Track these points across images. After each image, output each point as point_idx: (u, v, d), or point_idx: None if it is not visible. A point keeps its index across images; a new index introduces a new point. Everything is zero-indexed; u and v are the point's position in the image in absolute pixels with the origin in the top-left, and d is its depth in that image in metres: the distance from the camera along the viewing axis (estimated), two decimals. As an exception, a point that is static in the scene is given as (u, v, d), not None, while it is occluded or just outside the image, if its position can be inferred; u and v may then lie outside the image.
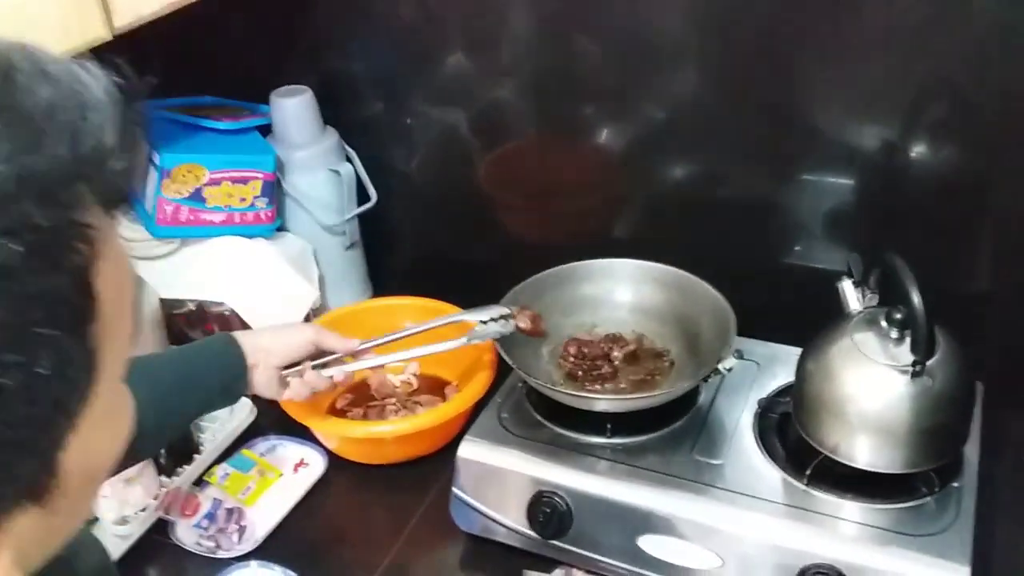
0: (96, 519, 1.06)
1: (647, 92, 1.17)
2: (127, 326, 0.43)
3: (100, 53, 0.92)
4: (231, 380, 0.96)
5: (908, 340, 0.87)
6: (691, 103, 1.16)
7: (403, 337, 1.08)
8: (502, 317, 1.06)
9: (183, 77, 1.38)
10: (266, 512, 1.10)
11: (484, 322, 1.06)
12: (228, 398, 1.00)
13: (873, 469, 0.90)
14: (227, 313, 1.23)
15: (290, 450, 1.19)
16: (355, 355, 1.06)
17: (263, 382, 0.99)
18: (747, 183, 1.18)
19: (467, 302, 1.24)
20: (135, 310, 0.43)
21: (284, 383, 1.01)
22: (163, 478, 1.13)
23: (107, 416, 0.42)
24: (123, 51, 1.01)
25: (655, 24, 1.12)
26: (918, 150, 1.07)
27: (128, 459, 0.90)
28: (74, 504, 0.42)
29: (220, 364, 0.96)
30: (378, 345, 1.07)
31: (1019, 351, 1.12)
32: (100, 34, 0.92)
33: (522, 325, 1.06)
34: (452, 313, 1.10)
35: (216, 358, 0.96)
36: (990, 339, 1.10)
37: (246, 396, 1.03)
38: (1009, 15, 0.96)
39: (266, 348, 0.98)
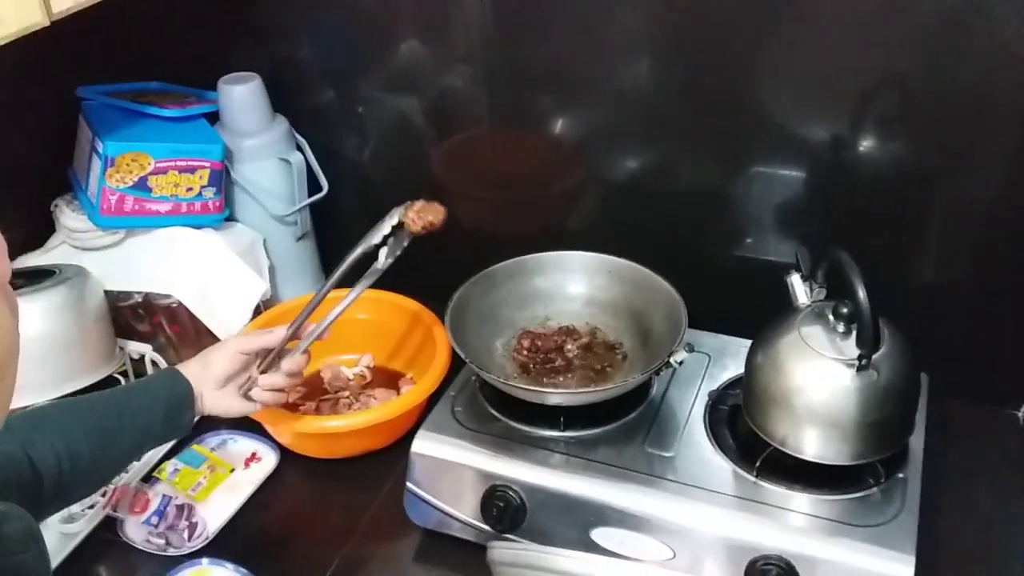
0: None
1: (600, 83, 1.17)
2: None
3: (39, 40, 0.90)
4: (176, 409, 0.96)
5: (854, 334, 0.88)
6: (644, 95, 1.16)
7: (320, 301, 1.03)
8: (394, 229, 0.96)
9: (127, 63, 1.35)
10: (217, 508, 1.09)
11: (379, 245, 0.98)
12: (173, 428, 0.98)
13: (820, 461, 0.92)
14: (174, 306, 1.21)
15: (241, 445, 1.18)
16: (296, 337, 1.03)
17: (218, 403, 0.99)
18: (699, 176, 1.18)
19: (420, 292, 1.24)
20: None
21: (247, 399, 1.01)
22: (110, 475, 1.11)
23: None
24: (64, 37, 0.99)
25: (609, 15, 1.12)
26: (867, 143, 1.08)
27: (68, 497, 0.89)
28: None
29: (165, 395, 0.95)
30: (303, 320, 1.03)
31: (964, 342, 1.15)
32: (37, 20, 0.90)
33: (414, 229, 0.95)
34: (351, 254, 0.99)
35: (161, 389, 0.96)
36: (936, 331, 1.13)
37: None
38: (956, 7, 0.97)
39: (196, 375, 0.98)
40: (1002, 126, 1.01)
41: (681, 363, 1.00)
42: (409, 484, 1.03)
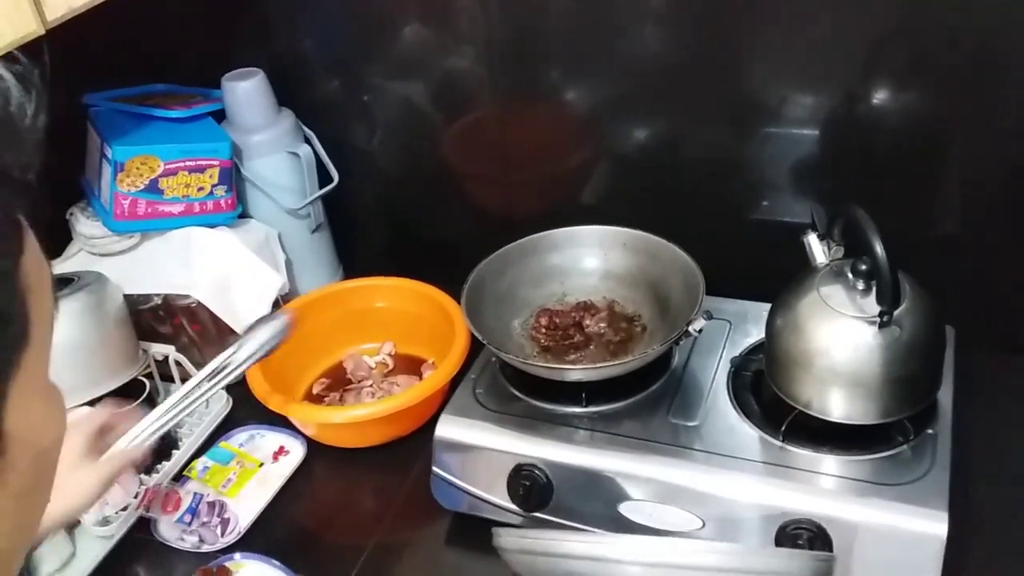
0: (77, 522, 1.05)
1: (605, 54, 1.15)
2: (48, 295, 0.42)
3: (39, 49, 0.90)
4: None
5: (874, 291, 0.87)
6: (651, 65, 1.14)
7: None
8: None
9: (130, 67, 1.35)
10: (248, 503, 1.09)
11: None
12: None
13: (847, 421, 0.90)
14: (193, 305, 1.21)
15: (268, 439, 1.18)
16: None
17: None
18: (709, 140, 1.17)
19: (438, 277, 1.23)
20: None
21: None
22: (142, 476, 1.12)
23: (40, 388, 0.42)
24: (61, 45, 0.99)
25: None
26: (878, 96, 1.06)
27: None
28: (26, 482, 0.41)
29: None
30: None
31: (989, 293, 1.12)
32: (32, 29, 0.89)
33: None
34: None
35: None
36: (960, 283, 1.10)
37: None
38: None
39: None
40: (1015, 72, 0.99)
41: (700, 331, 0.99)
42: (435, 468, 1.03)
